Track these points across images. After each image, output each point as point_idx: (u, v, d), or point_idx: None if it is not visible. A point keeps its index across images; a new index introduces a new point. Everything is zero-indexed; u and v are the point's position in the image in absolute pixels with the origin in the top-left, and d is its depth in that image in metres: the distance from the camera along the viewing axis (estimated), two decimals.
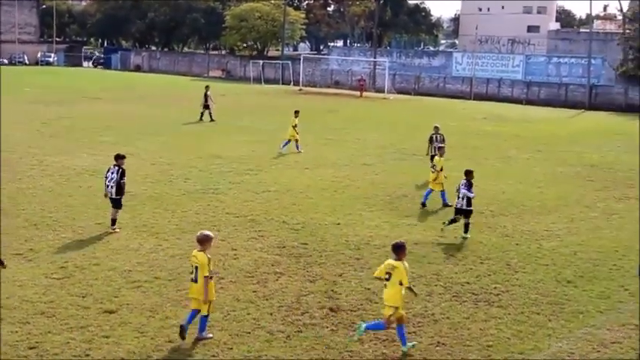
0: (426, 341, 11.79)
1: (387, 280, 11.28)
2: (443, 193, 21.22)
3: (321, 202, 21.39)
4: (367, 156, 30.32)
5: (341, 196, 22.46)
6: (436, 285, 14.51)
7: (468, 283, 14.71)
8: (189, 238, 17.10)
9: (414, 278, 14.82)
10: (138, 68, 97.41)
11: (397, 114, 50.28)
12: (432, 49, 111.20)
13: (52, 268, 14.51)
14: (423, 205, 21.11)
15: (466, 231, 18.00)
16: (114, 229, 17.36)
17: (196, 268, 11.34)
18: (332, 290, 14.01)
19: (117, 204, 17.45)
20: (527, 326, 12.54)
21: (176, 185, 22.94)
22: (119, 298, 13.15)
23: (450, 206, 20.30)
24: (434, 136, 25.46)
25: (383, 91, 67.90)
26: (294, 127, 30.72)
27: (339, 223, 19.00)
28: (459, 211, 18.09)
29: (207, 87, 41.33)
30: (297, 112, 31.39)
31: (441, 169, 20.97)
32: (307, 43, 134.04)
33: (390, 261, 11.42)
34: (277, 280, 14.55)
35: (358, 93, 66.54)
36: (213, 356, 11.02)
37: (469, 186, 17.90)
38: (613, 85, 64.81)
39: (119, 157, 17.60)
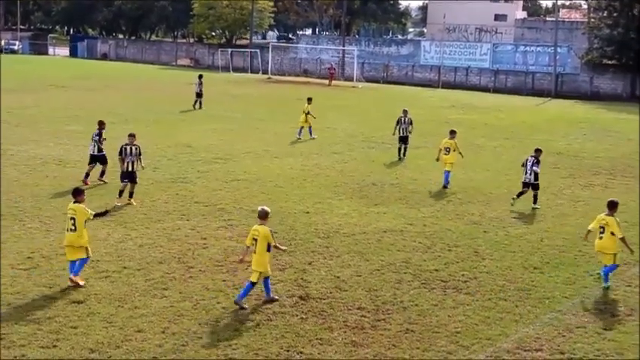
0: (395, 328, 11.88)
1: (602, 233, 14.04)
2: (448, 173, 22.75)
3: (290, 191, 21.39)
4: (336, 144, 30.38)
5: (310, 184, 22.48)
6: (405, 272, 14.61)
7: (436, 270, 14.84)
8: (157, 228, 17.05)
9: (383, 266, 14.94)
10: (105, 57, 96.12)
11: (366, 102, 50.35)
12: (400, 37, 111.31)
13: (18, 259, 14.35)
14: (445, 186, 22.57)
15: (535, 202, 20.32)
16: (130, 201, 19.20)
17: (256, 240, 12.51)
18: (301, 278, 14.05)
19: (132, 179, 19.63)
20: (495, 312, 12.69)
21: (145, 174, 22.70)
22: (87, 289, 13.05)
23: (447, 187, 22.48)
24: (401, 119, 27.77)
25: (352, 80, 67.92)
26: (307, 113, 31.69)
27: (308, 212, 19.04)
28: (526, 185, 20.31)
29: (200, 76, 42.83)
30: (310, 100, 32.49)
31: (454, 150, 22.87)
32: (276, 31, 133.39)
33: (602, 215, 14.15)
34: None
35: (327, 81, 66.46)
36: (183, 345, 11.00)
37: (537, 162, 20.22)
38: (578, 73, 65.54)
39: (130, 136, 19.72)
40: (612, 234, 13.89)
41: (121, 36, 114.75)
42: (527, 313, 12.74)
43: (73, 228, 13.00)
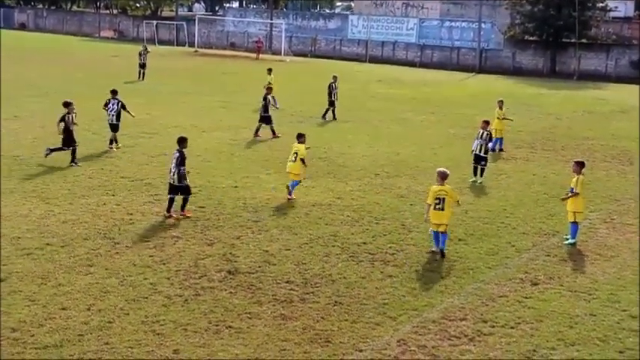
0: (324, 301, 11.99)
1: None
2: (501, 140, 25.23)
3: (218, 165, 21.24)
4: None
5: (238, 159, 22.37)
6: (334, 246, 14.73)
7: (364, 243, 15.01)
8: (82, 203, 16.69)
9: (311, 240, 15.01)
10: (23, 27, 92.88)
11: (294, 76, 50.17)
12: (328, 11, 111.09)
13: None
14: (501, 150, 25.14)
15: (482, 175, 20.76)
16: (111, 147, 22.62)
17: (443, 199, 14.06)
18: (230, 253, 14.01)
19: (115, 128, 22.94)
20: (421, 283, 12.94)
21: None
22: (8, 266, 12.71)
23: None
24: (332, 85, 30.51)
25: (280, 54, 67.60)
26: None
27: (236, 186, 18.95)
28: (478, 157, 20.71)
29: (145, 47, 44.43)
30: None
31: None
32: (202, 3, 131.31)
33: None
34: (174, 244, 14.42)
35: (255, 55, 65.95)
36: (109, 322, 10.84)
37: (490, 137, 21.10)
38: (502, 49, 66.75)
39: (114, 93, 23.31)
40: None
41: (40, 5, 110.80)
42: (453, 283, 13.04)
43: (293, 159, 17.78)
